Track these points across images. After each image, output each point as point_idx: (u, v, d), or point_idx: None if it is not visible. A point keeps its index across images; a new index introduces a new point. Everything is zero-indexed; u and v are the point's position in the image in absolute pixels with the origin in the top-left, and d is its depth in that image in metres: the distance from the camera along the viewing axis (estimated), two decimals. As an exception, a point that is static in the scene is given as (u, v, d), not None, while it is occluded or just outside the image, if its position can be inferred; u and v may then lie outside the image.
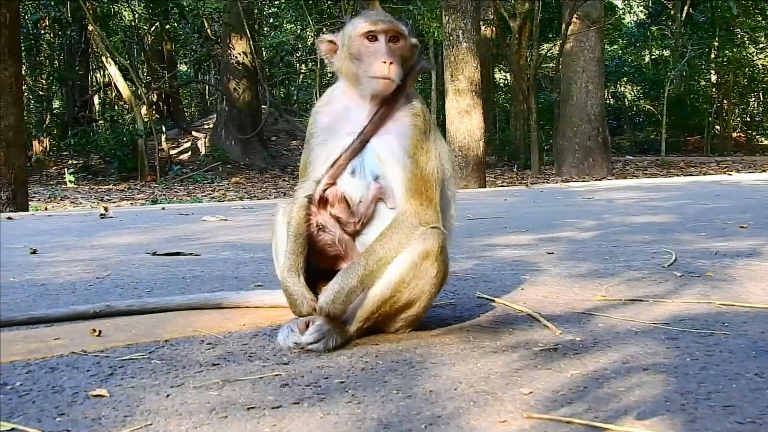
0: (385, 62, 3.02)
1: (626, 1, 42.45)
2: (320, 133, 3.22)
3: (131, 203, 19.30)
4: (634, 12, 44.28)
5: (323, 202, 3.14)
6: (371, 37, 3.08)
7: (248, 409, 2.24)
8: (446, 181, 3.22)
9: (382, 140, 3.09)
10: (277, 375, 2.58)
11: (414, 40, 3.20)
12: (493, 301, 3.79)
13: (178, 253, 5.96)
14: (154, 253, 5.99)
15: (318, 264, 3.15)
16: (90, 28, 28.65)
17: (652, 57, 43.18)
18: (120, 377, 2.58)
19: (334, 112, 3.22)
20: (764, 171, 23.42)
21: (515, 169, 29.07)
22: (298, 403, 2.29)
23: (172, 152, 30.77)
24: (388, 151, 3.07)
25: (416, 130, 3.08)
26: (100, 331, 3.17)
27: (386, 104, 3.11)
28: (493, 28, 30.13)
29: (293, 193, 3.26)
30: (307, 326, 2.97)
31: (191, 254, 5.95)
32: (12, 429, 2.09)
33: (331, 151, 3.15)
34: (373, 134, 3.09)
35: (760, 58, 40.03)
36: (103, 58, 28.57)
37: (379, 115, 3.09)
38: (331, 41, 3.22)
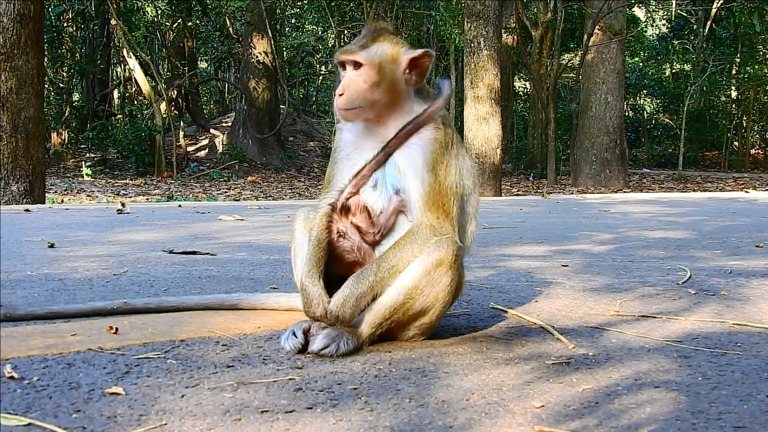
0: (340, 94, 3.12)
1: (649, 15, 42.35)
2: (344, 147, 3.26)
3: (147, 198, 19.39)
4: (656, 25, 44.16)
5: (345, 210, 3.16)
6: (341, 65, 3.17)
7: (262, 412, 2.26)
8: (467, 197, 3.23)
9: (404, 153, 3.11)
10: (291, 379, 2.60)
11: (409, 55, 3.15)
12: (507, 312, 3.80)
13: (194, 252, 6.00)
14: (171, 252, 6.03)
15: (335, 270, 3.16)
16: (113, 22, 28.78)
17: (673, 71, 43.03)
18: (136, 376, 2.61)
19: (356, 128, 3.25)
20: (782, 189, 23.32)
21: (531, 178, 29.05)
22: (311, 408, 2.31)
23: (190, 149, 30.90)
24: (408, 164, 3.08)
25: (437, 143, 3.09)
26: (116, 329, 3.20)
27: (410, 121, 3.12)
28: (515, 37, 30.13)
29: (317, 202, 3.29)
30: (310, 329, 3.01)
31: (207, 254, 5.98)
32: (29, 424, 2.11)
33: (355, 164, 3.18)
34: (397, 148, 3.11)
35: (781, 76, 39.88)
36: (125, 53, 28.67)
37: (404, 130, 3.11)
38: None
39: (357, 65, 3.13)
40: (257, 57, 29.51)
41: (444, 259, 2.97)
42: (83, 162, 27.09)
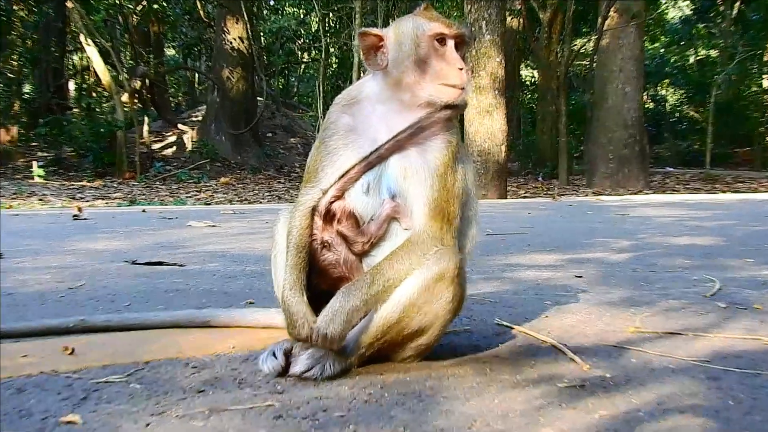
0: (461, 69, 3.06)
1: (671, -6, 42.52)
2: (339, 134, 3.17)
3: (107, 203, 19.35)
4: (679, 7, 44.29)
5: (329, 216, 3.13)
6: (441, 40, 3.09)
7: (237, 442, 2.26)
8: (468, 201, 3.23)
9: (410, 155, 3.08)
10: (270, 405, 2.59)
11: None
12: (514, 329, 3.80)
13: (160, 263, 5.99)
14: (134, 262, 6.02)
15: (319, 285, 3.15)
16: (69, 4, 28.72)
17: (698, 57, 43.17)
18: (95, 402, 2.60)
19: (360, 114, 3.18)
20: (821, 190, 23.38)
21: (540, 179, 29.10)
22: (293, 438, 2.30)
23: (155, 147, 30.83)
24: (415, 167, 3.06)
25: (450, 148, 3.10)
26: (73, 349, 3.19)
27: (423, 118, 3.09)
28: (521, 20, 30.18)
29: (297, 198, 3.24)
30: (292, 350, 3.00)
31: (175, 264, 5.97)
32: (-26, 457, 2.11)
33: (348, 158, 3.11)
34: (398, 149, 3.08)
35: (818, 63, 40.01)
36: (82, 39, 28.64)
37: (411, 128, 3.07)
38: (377, 36, 3.14)
39: (461, 45, 3.15)
40: (231, 43, 29.50)
41: (445, 273, 2.95)
42: (35, 162, 27.00)
